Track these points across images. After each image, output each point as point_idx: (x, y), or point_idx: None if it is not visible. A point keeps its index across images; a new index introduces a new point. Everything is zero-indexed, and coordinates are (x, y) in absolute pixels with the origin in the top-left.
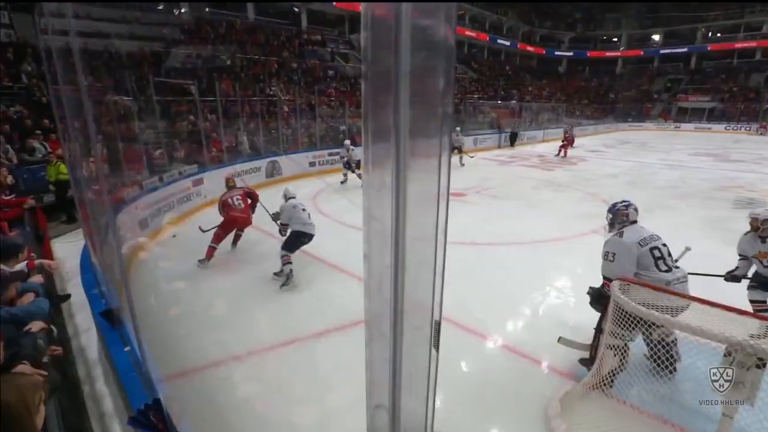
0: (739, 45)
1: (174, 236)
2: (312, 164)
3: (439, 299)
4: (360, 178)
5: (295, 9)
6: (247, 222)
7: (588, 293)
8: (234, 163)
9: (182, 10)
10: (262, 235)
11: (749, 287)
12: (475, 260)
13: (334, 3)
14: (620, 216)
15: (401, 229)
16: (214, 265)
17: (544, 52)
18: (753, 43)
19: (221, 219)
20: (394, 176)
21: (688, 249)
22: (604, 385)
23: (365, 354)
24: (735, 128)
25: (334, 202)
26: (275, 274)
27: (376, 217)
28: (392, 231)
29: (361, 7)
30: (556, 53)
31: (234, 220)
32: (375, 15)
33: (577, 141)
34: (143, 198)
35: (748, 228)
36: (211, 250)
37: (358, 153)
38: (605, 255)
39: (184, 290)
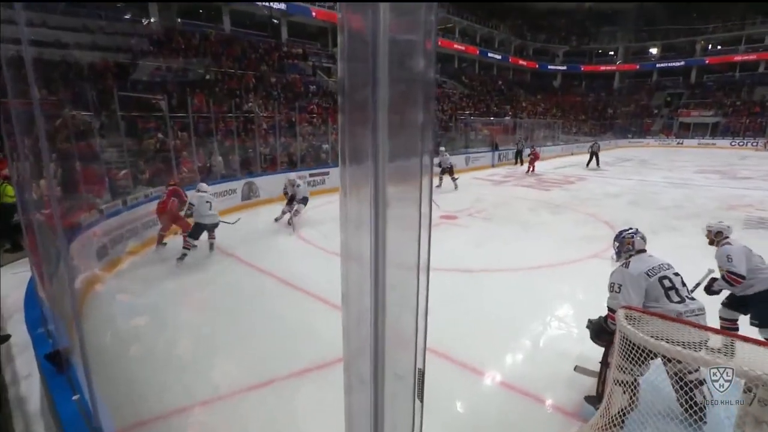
0: (739, 58)
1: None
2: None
3: (422, 345)
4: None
5: (275, 20)
6: (163, 211)
7: (588, 327)
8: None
9: (151, 20)
10: (235, 264)
11: (722, 303)
12: (468, 288)
13: (314, 15)
14: (626, 244)
15: (381, 269)
16: (179, 297)
17: (537, 66)
18: (754, 56)
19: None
20: (373, 212)
21: (711, 272)
22: (614, 425)
23: (344, 404)
24: (740, 144)
25: (316, 227)
26: (178, 259)
27: (354, 255)
28: (371, 270)
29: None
30: (550, 67)
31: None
32: (351, 27)
33: (576, 159)
34: (103, 223)
35: (753, 247)
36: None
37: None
38: (611, 286)
39: (145, 326)
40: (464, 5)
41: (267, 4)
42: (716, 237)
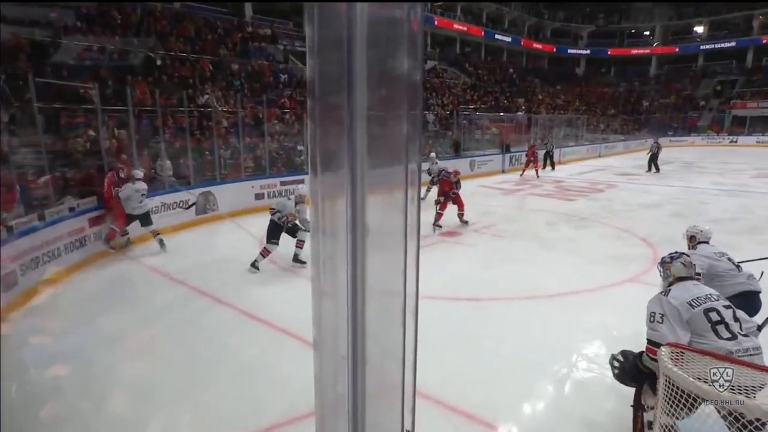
0: None
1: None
2: (259, 196)
3: (410, 402)
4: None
5: None
6: (109, 199)
7: (613, 364)
8: (152, 195)
9: None
10: (187, 294)
11: None
12: (475, 320)
13: None
14: (665, 269)
15: (360, 310)
16: (115, 338)
17: (555, 50)
18: None
19: None
20: (350, 240)
21: None
22: None
23: None
24: None
25: (287, 245)
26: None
27: (328, 293)
28: (348, 312)
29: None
30: (571, 51)
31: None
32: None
33: (604, 161)
34: (11, 244)
35: None
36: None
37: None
38: (650, 317)
39: (66, 377)
40: None
41: None
42: (690, 242)
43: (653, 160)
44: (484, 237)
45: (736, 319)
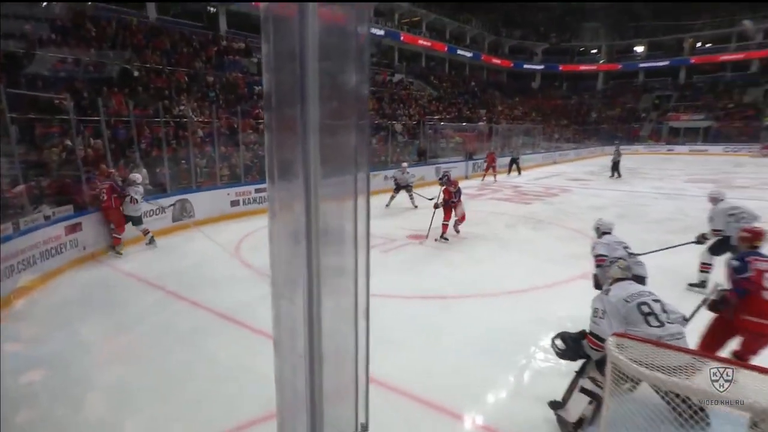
0: (727, 57)
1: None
2: (234, 203)
3: (364, 399)
4: None
5: (211, 9)
6: (109, 208)
7: (556, 347)
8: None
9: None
10: (163, 299)
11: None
12: (440, 317)
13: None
14: (604, 273)
15: (316, 312)
16: (91, 344)
17: (512, 65)
18: (742, 55)
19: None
20: (306, 245)
21: (718, 285)
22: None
23: None
24: (735, 150)
25: (262, 251)
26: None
27: (286, 295)
28: (305, 313)
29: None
30: (527, 66)
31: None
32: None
33: (559, 168)
34: None
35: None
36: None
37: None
38: (594, 312)
39: (41, 383)
40: None
41: None
42: (597, 233)
43: (615, 167)
44: (449, 238)
45: (664, 311)
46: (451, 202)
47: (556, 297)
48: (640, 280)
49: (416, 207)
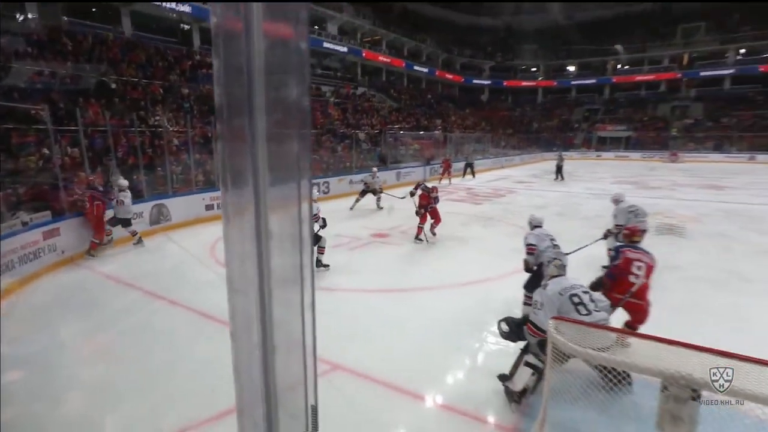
0: (641, 78)
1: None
2: (209, 207)
3: (312, 381)
4: None
5: (185, 26)
6: (90, 215)
7: (501, 331)
8: (106, 208)
9: (29, 16)
10: (141, 299)
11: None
12: (401, 309)
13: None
14: (545, 271)
15: (267, 304)
16: (71, 343)
17: (463, 80)
18: (653, 76)
19: None
20: (257, 246)
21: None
22: (515, 401)
23: None
24: (649, 156)
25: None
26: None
27: (241, 290)
28: (258, 306)
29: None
30: (476, 81)
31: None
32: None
33: (506, 172)
34: None
35: (668, 253)
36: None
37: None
38: (534, 304)
39: (21, 382)
40: (387, 18)
41: (174, 7)
42: (529, 226)
43: (559, 170)
44: (409, 237)
45: (592, 300)
46: (429, 207)
47: (504, 286)
48: (562, 268)
49: (381, 208)
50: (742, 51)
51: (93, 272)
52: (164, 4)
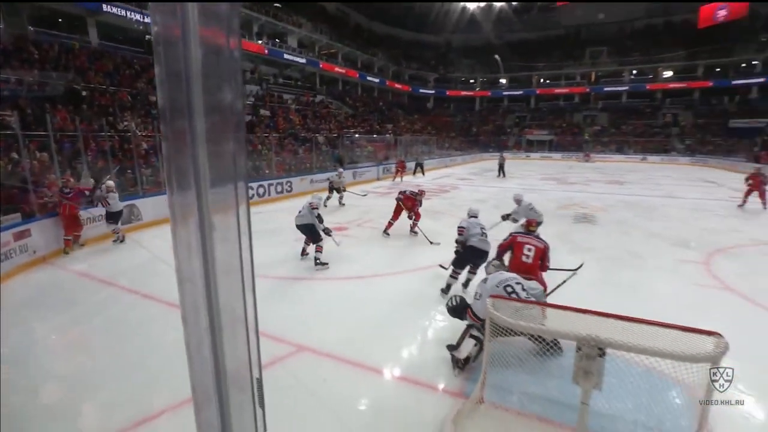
0: (559, 91)
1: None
2: None
3: (256, 356)
4: None
5: (149, 36)
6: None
7: (448, 305)
8: (85, 208)
9: None
10: (117, 294)
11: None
12: (360, 294)
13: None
14: (486, 269)
15: (213, 290)
16: (46, 339)
17: (411, 89)
18: (567, 90)
19: None
20: (201, 235)
21: (581, 265)
22: (459, 368)
23: (195, 423)
24: (568, 157)
25: None
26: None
27: (188, 278)
28: (204, 292)
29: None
30: (422, 91)
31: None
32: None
33: (449, 170)
34: None
35: (583, 238)
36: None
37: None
38: (475, 294)
39: None
40: (342, 33)
41: (140, 19)
42: (467, 215)
43: (501, 168)
44: (365, 229)
45: (524, 289)
46: (413, 211)
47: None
48: (485, 254)
49: (343, 205)
50: (634, 72)
51: (66, 271)
52: (128, 15)
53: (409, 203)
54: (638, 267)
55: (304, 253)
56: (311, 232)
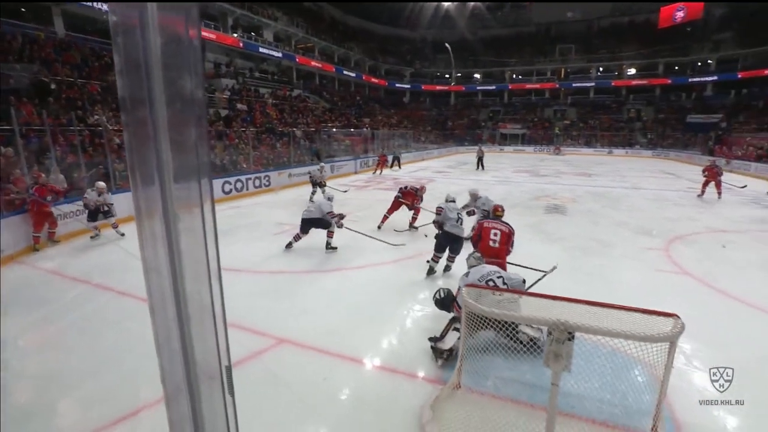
0: (530, 86)
1: None
2: None
3: (225, 344)
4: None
5: None
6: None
7: (435, 298)
8: (58, 204)
9: None
10: (90, 291)
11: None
12: (341, 286)
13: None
14: (467, 261)
15: (180, 279)
16: (18, 338)
17: (387, 84)
18: (538, 85)
19: None
20: (165, 224)
21: (554, 267)
22: (443, 359)
23: (166, 416)
24: (540, 150)
25: None
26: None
27: (155, 268)
28: (170, 281)
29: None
30: (398, 85)
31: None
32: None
33: (425, 164)
34: None
35: (554, 228)
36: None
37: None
38: (459, 288)
39: None
40: (318, 27)
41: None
42: (445, 201)
43: (480, 161)
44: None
45: (504, 283)
46: (414, 206)
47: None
48: (459, 239)
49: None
50: (601, 69)
51: (36, 269)
52: (95, 4)
53: (410, 198)
54: (605, 255)
55: (289, 246)
56: (321, 224)
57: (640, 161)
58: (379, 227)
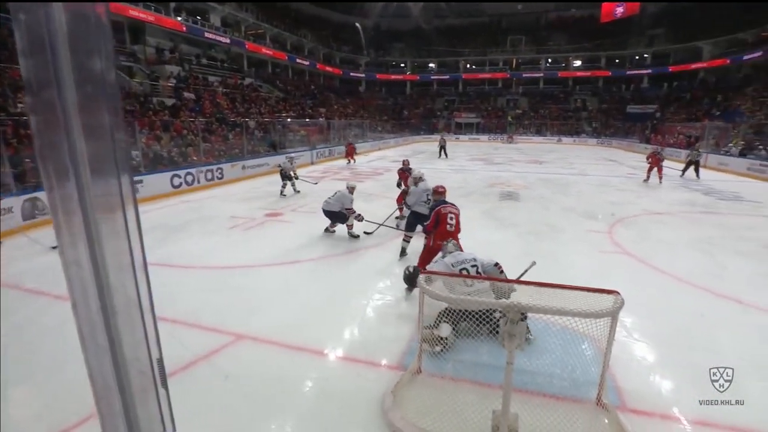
0: (483, 76)
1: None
2: None
3: (154, 336)
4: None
5: None
6: None
7: (405, 274)
8: None
9: None
10: (49, 304)
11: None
12: (298, 278)
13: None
14: (443, 249)
15: (103, 271)
16: None
17: (342, 73)
18: (490, 75)
19: None
20: (84, 220)
21: (534, 263)
22: (441, 344)
23: (98, 415)
24: (494, 138)
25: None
26: None
27: (74, 261)
28: (92, 273)
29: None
30: (353, 74)
31: None
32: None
33: (382, 153)
34: None
35: (509, 214)
36: None
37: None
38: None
39: None
40: (270, 13)
41: None
42: (415, 181)
43: (443, 149)
44: (300, 214)
45: (478, 272)
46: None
47: (387, 252)
48: (424, 217)
49: (299, 192)
50: (549, 60)
51: None
52: None
53: (405, 178)
54: (556, 239)
55: (327, 231)
56: (338, 217)
57: (587, 149)
58: (400, 216)
